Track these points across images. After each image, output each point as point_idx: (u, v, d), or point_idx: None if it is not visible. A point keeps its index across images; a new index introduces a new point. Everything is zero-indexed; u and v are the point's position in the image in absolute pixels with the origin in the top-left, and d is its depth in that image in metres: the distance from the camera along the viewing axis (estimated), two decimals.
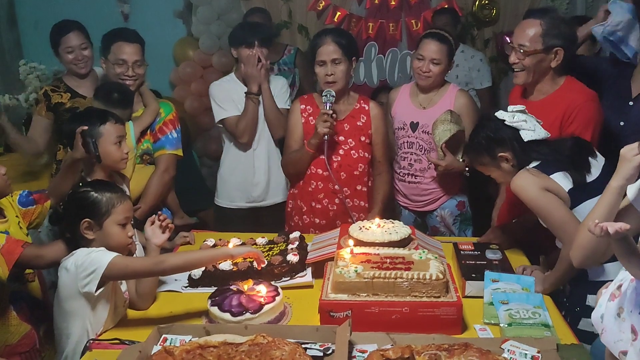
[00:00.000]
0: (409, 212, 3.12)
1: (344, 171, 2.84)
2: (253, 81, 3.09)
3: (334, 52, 2.73)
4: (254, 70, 3.06)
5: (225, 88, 3.22)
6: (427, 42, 2.88)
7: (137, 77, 2.91)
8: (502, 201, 2.79)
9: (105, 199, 1.93)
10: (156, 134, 2.94)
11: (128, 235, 1.97)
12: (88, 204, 1.92)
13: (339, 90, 2.77)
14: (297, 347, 1.64)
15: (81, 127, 2.27)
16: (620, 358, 1.63)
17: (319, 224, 2.86)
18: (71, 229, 1.95)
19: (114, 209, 1.93)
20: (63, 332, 1.90)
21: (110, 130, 2.34)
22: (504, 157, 2.18)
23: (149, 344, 1.70)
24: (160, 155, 2.94)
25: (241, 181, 3.27)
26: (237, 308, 1.88)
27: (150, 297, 2.10)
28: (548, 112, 2.39)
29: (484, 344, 1.66)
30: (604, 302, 1.63)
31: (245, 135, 3.13)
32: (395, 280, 1.88)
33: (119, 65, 2.88)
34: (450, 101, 2.95)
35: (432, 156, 2.88)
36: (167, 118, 2.98)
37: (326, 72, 2.74)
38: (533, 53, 2.43)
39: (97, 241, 1.92)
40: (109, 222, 1.92)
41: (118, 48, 2.89)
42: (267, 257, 2.28)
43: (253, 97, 3.09)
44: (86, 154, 2.27)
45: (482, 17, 4.81)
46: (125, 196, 2.02)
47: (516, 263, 2.31)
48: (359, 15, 4.80)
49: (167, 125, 2.97)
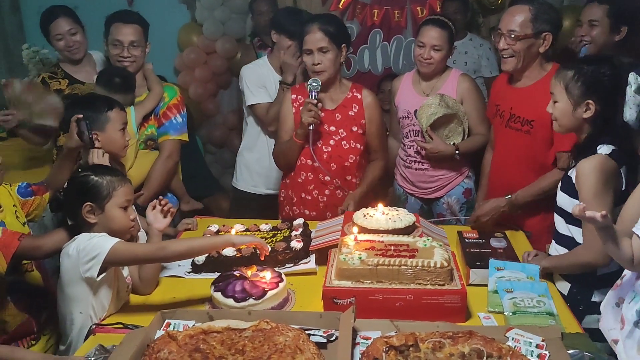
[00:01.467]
0: (415, 200, 3.11)
1: (334, 162, 2.77)
2: (289, 71, 3.10)
3: (320, 40, 2.65)
4: (292, 61, 3.07)
5: (258, 73, 3.23)
6: (428, 29, 2.86)
7: (135, 59, 2.87)
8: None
9: (106, 182, 1.92)
10: (160, 119, 2.92)
11: (130, 218, 1.97)
12: (89, 188, 1.91)
13: (327, 79, 2.71)
14: (300, 333, 1.63)
15: (76, 115, 2.23)
16: (612, 346, 1.63)
17: (309, 215, 2.80)
18: (73, 214, 1.94)
19: (115, 192, 1.93)
20: (67, 317, 1.90)
21: (117, 117, 2.34)
22: (590, 106, 1.99)
23: (153, 329, 1.70)
24: (164, 140, 2.93)
25: (265, 167, 3.28)
26: (241, 294, 1.88)
27: (153, 282, 2.10)
28: (538, 98, 2.38)
29: (488, 332, 1.66)
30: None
31: (274, 123, 3.09)
32: (400, 267, 1.87)
33: (114, 47, 2.85)
34: (452, 86, 2.93)
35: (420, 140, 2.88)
36: (171, 102, 2.96)
37: (313, 61, 2.67)
38: (524, 38, 2.44)
39: (99, 225, 1.91)
40: (110, 205, 1.92)
41: (115, 29, 2.87)
42: (271, 244, 2.27)
43: (286, 87, 3.08)
44: (81, 143, 2.23)
45: (488, 5, 4.76)
46: (125, 179, 2.01)
47: (521, 250, 2.30)
48: (364, 2, 4.75)
49: (171, 110, 2.94)
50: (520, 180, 2.55)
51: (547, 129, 2.21)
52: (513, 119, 2.58)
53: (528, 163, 2.55)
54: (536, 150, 2.52)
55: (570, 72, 2.02)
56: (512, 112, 2.58)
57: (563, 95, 2.04)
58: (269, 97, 3.18)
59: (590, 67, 2.01)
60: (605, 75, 1.99)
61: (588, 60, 2.06)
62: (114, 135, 2.33)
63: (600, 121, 2.01)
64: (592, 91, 1.98)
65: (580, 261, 2.00)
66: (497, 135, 2.75)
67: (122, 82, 2.74)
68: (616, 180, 1.95)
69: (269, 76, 3.23)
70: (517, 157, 2.58)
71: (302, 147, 2.77)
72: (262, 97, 3.19)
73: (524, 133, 2.53)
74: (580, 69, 2.01)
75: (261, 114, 3.21)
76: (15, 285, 2.04)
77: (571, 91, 2.01)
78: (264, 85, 3.20)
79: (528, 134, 2.52)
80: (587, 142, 2.03)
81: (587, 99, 1.99)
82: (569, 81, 2.02)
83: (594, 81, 1.99)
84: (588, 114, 2.00)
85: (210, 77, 4.93)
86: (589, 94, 1.99)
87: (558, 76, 2.06)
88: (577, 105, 2.01)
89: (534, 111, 2.16)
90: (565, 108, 2.04)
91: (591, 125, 2.03)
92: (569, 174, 2.07)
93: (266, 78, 3.23)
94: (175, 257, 2.03)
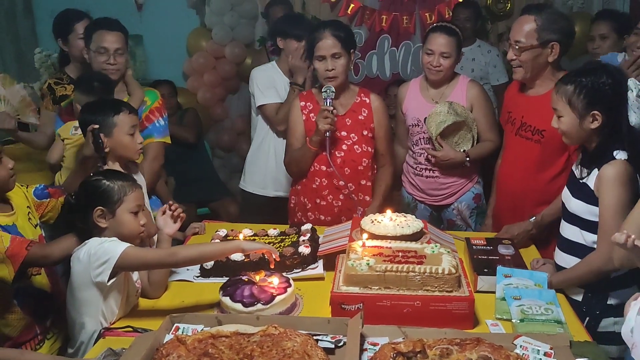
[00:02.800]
0: (424, 207, 3.11)
1: (348, 167, 2.80)
2: (300, 73, 3.16)
3: (333, 47, 2.68)
4: (301, 63, 3.14)
5: (268, 75, 3.29)
6: (435, 36, 2.86)
7: (119, 66, 2.87)
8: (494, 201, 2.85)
9: (117, 186, 1.94)
10: (143, 123, 2.87)
11: (140, 223, 1.98)
12: (100, 192, 1.92)
13: (339, 85, 2.74)
14: (308, 339, 1.64)
15: (92, 125, 2.27)
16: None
17: (324, 220, 2.83)
18: (84, 218, 1.95)
19: (126, 197, 1.94)
20: (76, 321, 1.91)
21: (125, 120, 2.33)
22: (597, 116, 2.00)
23: (162, 333, 1.71)
24: (148, 143, 2.88)
25: (273, 169, 3.32)
26: (249, 299, 1.89)
27: (162, 286, 2.11)
28: (549, 107, 2.35)
29: (496, 339, 1.66)
30: (633, 315, 1.61)
31: (284, 124, 3.11)
32: (408, 274, 1.88)
33: (100, 54, 2.84)
34: (462, 93, 2.93)
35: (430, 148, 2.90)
36: (153, 106, 2.94)
37: (326, 67, 2.69)
38: (529, 48, 2.45)
39: (110, 229, 1.93)
40: (121, 210, 1.93)
41: (99, 36, 2.85)
42: (279, 249, 2.28)
43: (297, 88, 3.13)
44: (95, 152, 2.28)
45: (497, 11, 4.77)
46: (136, 184, 2.02)
47: (529, 258, 2.30)
48: (373, 8, 4.77)
49: (153, 114, 2.93)
50: (527, 189, 2.55)
51: (558, 139, 2.21)
52: (524, 127, 2.57)
53: (536, 172, 2.54)
54: (545, 160, 2.51)
55: (571, 87, 2.03)
56: (523, 120, 2.58)
57: (567, 109, 2.04)
58: (279, 98, 3.23)
59: (588, 78, 2.01)
60: (606, 84, 1.99)
61: (584, 72, 2.06)
62: (123, 140, 2.33)
63: (608, 129, 2.01)
64: (596, 102, 1.99)
65: (591, 268, 1.99)
66: (507, 142, 2.75)
67: (101, 85, 2.69)
68: (635, 185, 1.96)
69: (278, 79, 3.28)
70: (525, 166, 2.58)
71: (316, 153, 2.79)
72: (272, 97, 3.24)
73: (534, 142, 2.53)
74: (580, 82, 2.02)
75: (271, 114, 3.25)
76: (21, 289, 2.04)
77: (575, 105, 2.02)
78: (274, 86, 3.25)
79: (538, 143, 2.52)
80: (600, 150, 2.03)
81: (592, 110, 2.00)
82: (570, 95, 2.03)
83: (595, 92, 1.99)
84: (595, 124, 2.01)
85: (219, 82, 4.96)
86: (593, 105, 1.99)
87: (559, 92, 2.07)
88: (583, 117, 2.02)
89: (546, 121, 2.17)
90: (571, 122, 2.05)
91: (600, 134, 2.03)
92: (584, 180, 2.07)
93: (276, 80, 3.28)
94: (186, 262, 2.04)
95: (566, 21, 2.53)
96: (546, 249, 2.45)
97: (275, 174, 3.34)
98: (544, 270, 2.15)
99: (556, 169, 2.50)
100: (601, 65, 2.11)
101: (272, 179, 3.37)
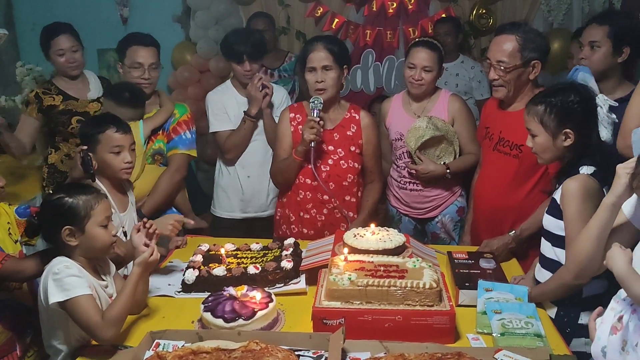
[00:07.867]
0: (409, 220, 3.13)
1: (333, 181, 2.81)
2: (254, 104, 3.05)
3: (325, 59, 2.71)
4: (256, 94, 3.02)
5: (221, 99, 3.20)
6: (417, 50, 2.90)
7: (153, 80, 2.95)
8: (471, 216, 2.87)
9: (82, 202, 1.87)
10: (170, 134, 2.96)
11: (112, 234, 1.94)
12: (65, 211, 1.85)
13: (329, 98, 2.75)
14: (290, 354, 1.64)
15: (81, 147, 2.26)
16: None
17: (307, 234, 2.84)
18: (52, 238, 1.89)
19: (93, 211, 1.88)
20: (50, 339, 1.87)
21: (110, 138, 2.30)
22: (569, 134, 2.04)
23: (142, 349, 1.70)
24: (172, 154, 2.96)
25: (239, 191, 3.26)
26: (230, 314, 1.88)
27: (142, 303, 2.06)
28: None
29: (476, 353, 1.67)
30: (603, 335, 1.61)
31: (232, 152, 3.14)
32: (389, 288, 1.88)
33: (135, 69, 2.91)
34: (443, 107, 2.96)
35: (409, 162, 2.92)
36: (181, 119, 3.00)
37: (316, 78, 2.72)
38: (513, 69, 2.48)
39: (81, 247, 1.87)
40: (90, 225, 1.87)
41: (134, 52, 2.92)
42: (262, 264, 2.28)
43: (249, 119, 3.07)
44: (84, 173, 2.27)
45: (480, 27, 4.83)
46: (101, 195, 1.95)
47: (510, 271, 2.31)
48: (357, 23, 4.82)
49: (180, 126, 2.98)
50: (505, 204, 2.58)
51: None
52: (502, 142, 2.61)
53: (514, 186, 2.57)
54: (522, 174, 2.55)
55: (541, 107, 2.08)
56: (501, 135, 2.61)
57: (540, 129, 2.09)
58: (230, 124, 3.13)
59: (557, 97, 2.06)
60: (575, 103, 2.05)
61: (552, 92, 2.11)
62: (106, 158, 2.30)
63: (580, 145, 2.06)
64: (567, 120, 2.04)
65: (561, 282, 2.00)
66: (485, 157, 2.78)
67: (131, 95, 2.79)
68: (598, 199, 1.98)
69: (232, 102, 3.16)
70: (502, 180, 2.60)
71: (301, 165, 2.80)
72: (224, 124, 3.14)
73: (512, 157, 2.56)
74: (549, 102, 2.07)
75: (220, 140, 3.17)
76: (0, 302, 2.03)
77: (547, 124, 2.07)
78: (226, 112, 3.15)
79: (516, 158, 2.55)
80: (569, 165, 2.07)
81: (564, 129, 2.04)
82: (542, 115, 2.07)
83: (566, 110, 2.04)
84: (568, 142, 2.06)
85: (203, 96, 4.86)
86: (565, 123, 2.04)
87: (530, 112, 2.12)
88: (556, 136, 2.06)
89: (524, 136, 2.19)
90: (545, 142, 2.09)
91: (572, 151, 2.07)
92: (554, 195, 2.10)
93: (229, 103, 3.16)
94: (117, 320, 1.83)
95: (543, 38, 2.57)
96: (525, 261, 2.46)
97: (240, 196, 3.25)
98: (523, 284, 2.16)
99: (532, 183, 2.53)
100: (569, 83, 2.16)
101: (238, 200, 3.26)
